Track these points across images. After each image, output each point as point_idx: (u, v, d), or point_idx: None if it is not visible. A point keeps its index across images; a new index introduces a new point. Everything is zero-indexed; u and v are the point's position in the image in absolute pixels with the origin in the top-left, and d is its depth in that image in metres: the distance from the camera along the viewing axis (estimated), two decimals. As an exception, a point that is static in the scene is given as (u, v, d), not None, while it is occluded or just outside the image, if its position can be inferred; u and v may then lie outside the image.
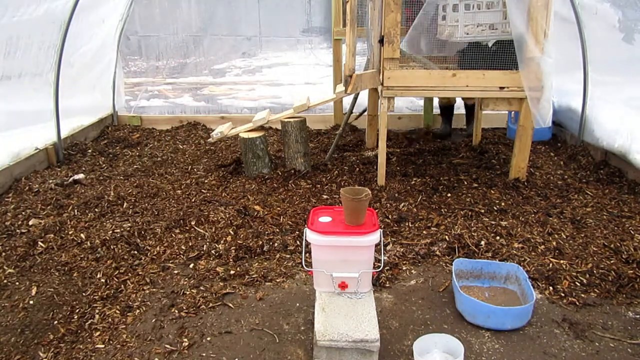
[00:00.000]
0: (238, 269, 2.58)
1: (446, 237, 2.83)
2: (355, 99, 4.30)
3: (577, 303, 2.28)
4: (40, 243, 2.80)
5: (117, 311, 2.25)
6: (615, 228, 2.94)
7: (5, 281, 2.44)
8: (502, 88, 3.34)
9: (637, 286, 2.38)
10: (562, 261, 2.58)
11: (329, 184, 3.65)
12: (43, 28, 3.86)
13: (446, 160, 4.13)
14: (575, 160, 4.15)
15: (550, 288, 2.39)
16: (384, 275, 2.52)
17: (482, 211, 3.15)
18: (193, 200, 3.41)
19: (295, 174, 3.79)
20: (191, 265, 2.63)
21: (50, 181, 3.71)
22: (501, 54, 3.35)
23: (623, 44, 3.79)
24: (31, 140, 3.99)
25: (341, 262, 1.99)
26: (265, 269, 2.57)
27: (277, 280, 2.49)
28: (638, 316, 2.21)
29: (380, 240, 1.98)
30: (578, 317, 2.20)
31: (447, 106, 4.95)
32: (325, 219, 2.05)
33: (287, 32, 5.49)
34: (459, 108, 5.48)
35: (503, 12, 3.34)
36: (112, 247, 2.76)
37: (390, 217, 3.09)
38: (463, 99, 4.83)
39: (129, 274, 2.54)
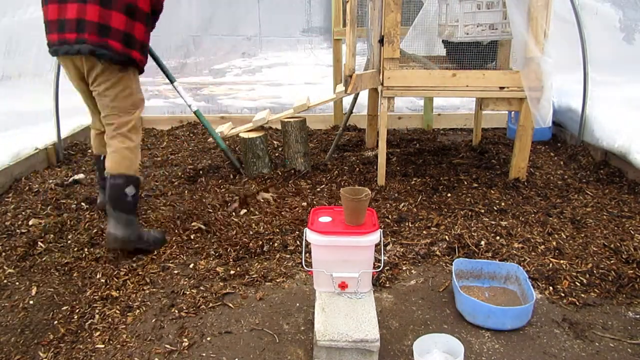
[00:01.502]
0: (238, 269, 2.58)
1: (446, 237, 2.83)
2: (355, 99, 4.30)
3: (577, 303, 2.28)
4: (40, 243, 2.81)
5: (117, 311, 2.25)
6: (615, 228, 2.94)
7: (5, 281, 2.45)
8: (502, 88, 3.35)
9: (637, 286, 2.38)
10: (562, 261, 2.58)
11: (329, 184, 3.66)
12: (43, 28, 3.85)
13: (446, 160, 4.13)
14: (575, 160, 4.15)
15: (550, 288, 2.39)
16: (384, 275, 2.52)
17: (482, 211, 3.15)
18: (193, 199, 3.41)
19: (295, 174, 3.79)
20: (191, 265, 2.63)
21: (50, 181, 3.71)
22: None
23: (623, 44, 3.79)
24: (31, 140, 3.99)
25: (341, 262, 1.99)
26: (265, 269, 2.57)
27: (277, 280, 2.49)
28: (638, 316, 2.21)
29: (380, 240, 1.98)
30: (578, 317, 2.20)
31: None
32: (325, 219, 2.05)
33: (287, 32, 5.49)
34: (459, 108, 5.49)
35: (503, 12, 3.34)
36: (112, 247, 2.76)
37: (390, 217, 3.10)
38: None
39: (129, 274, 2.54)
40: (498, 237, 2.83)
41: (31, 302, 2.28)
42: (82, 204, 3.32)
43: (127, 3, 2.50)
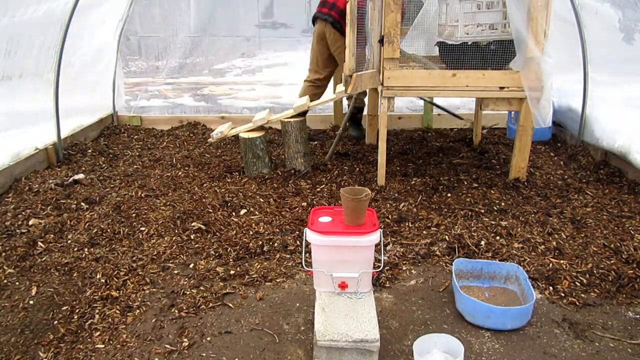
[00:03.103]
0: (238, 269, 2.58)
1: (446, 237, 2.83)
2: (356, 99, 4.30)
3: (577, 303, 2.28)
4: (40, 243, 2.81)
5: (117, 311, 2.25)
6: (615, 228, 2.94)
7: (5, 281, 2.44)
8: (502, 88, 3.35)
9: (637, 286, 2.38)
10: (562, 261, 2.58)
11: (329, 184, 3.65)
12: (43, 28, 3.85)
13: (446, 160, 4.13)
14: (575, 160, 4.15)
15: (550, 288, 2.39)
16: (384, 275, 2.52)
17: (482, 211, 3.15)
18: (193, 199, 3.40)
19: (295, 174, 3.79)
20: (191, 265, 2.63)
21: (50, 181, 3.71)
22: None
23: (623, 44, 3.79)
24: (31, 140, 3.99)
25: (341, 262, 1.99)
26: (265, 269, 2.57)
27: (277, 280, 2.49)
28: (638, 316, 2.21)
29: (380, 240, 1.98)
30: (578, 317, 2.20)
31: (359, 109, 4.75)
32: (325, 219, 2.05)
33: (286, 32, 5.50)
34: (459, 108, 5.48)
35: (503, 12, 3.34)
36: (112, 246, 2.76)
37: (390, 217, 3.10)
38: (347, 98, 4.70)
39: (129, 274, 2.54)
40: (498, 237, 2.83)
41: (31, 302, 2.28)
42: (82, 204, 3.32)
43: None
